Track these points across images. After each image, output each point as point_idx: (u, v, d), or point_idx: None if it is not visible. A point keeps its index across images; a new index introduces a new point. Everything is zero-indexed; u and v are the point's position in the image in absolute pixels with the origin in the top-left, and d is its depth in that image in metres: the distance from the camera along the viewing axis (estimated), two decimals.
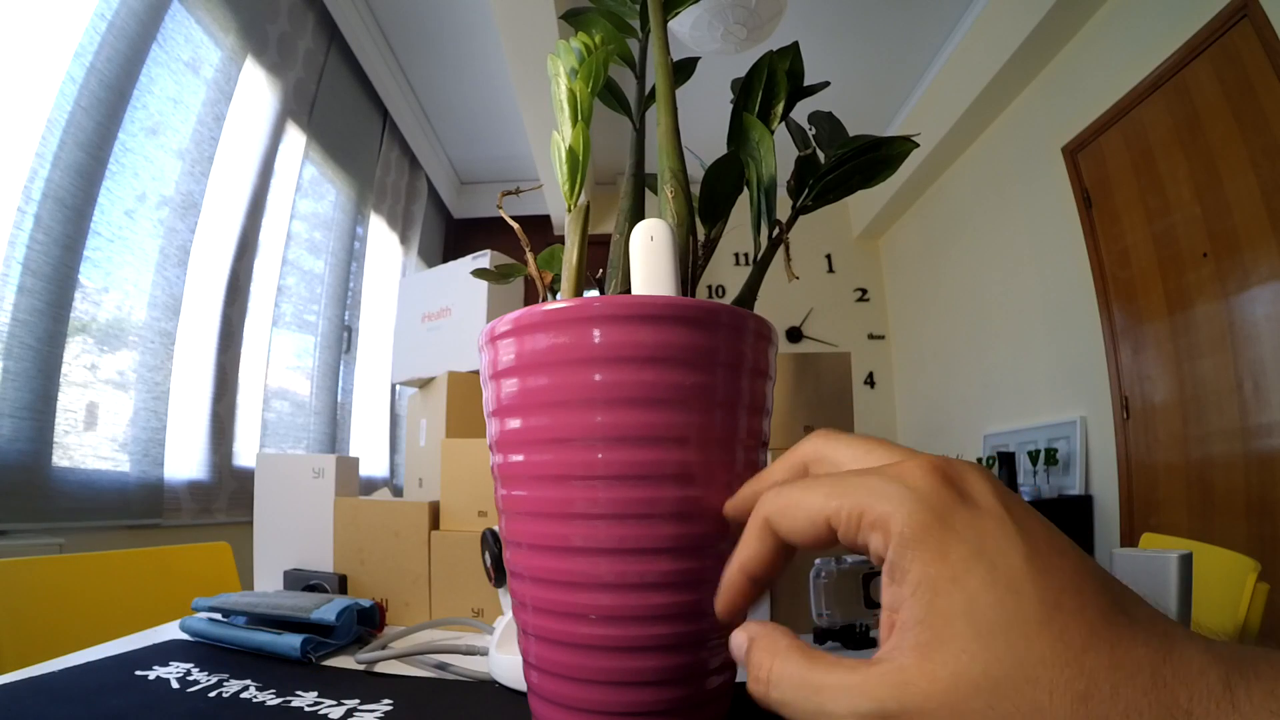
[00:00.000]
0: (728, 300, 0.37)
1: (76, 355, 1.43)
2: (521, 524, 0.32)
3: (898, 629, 0.18)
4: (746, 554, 0.24)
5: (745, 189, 0.43)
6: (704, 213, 0.42)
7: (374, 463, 2.94)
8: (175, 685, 0.44)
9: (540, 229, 3.81)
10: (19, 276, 1.26)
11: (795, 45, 0.47)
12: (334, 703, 0.41)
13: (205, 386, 1.86)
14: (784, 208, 0.46)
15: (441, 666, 0.50)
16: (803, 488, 0.21)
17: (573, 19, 0.51)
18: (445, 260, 1.56)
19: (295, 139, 2.30)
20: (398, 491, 2.21)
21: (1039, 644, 0.16)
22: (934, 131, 3.02)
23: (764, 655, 0.20)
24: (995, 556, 0.17)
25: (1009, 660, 0.16)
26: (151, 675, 0.46)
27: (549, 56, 0.41)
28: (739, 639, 0.22)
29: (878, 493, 0.19)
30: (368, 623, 0.59)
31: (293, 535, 0.76)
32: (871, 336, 4.05)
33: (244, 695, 0.42)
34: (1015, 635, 0.16)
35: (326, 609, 0.54)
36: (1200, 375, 1.93)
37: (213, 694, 0.42)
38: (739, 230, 0.43)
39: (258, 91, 2.07)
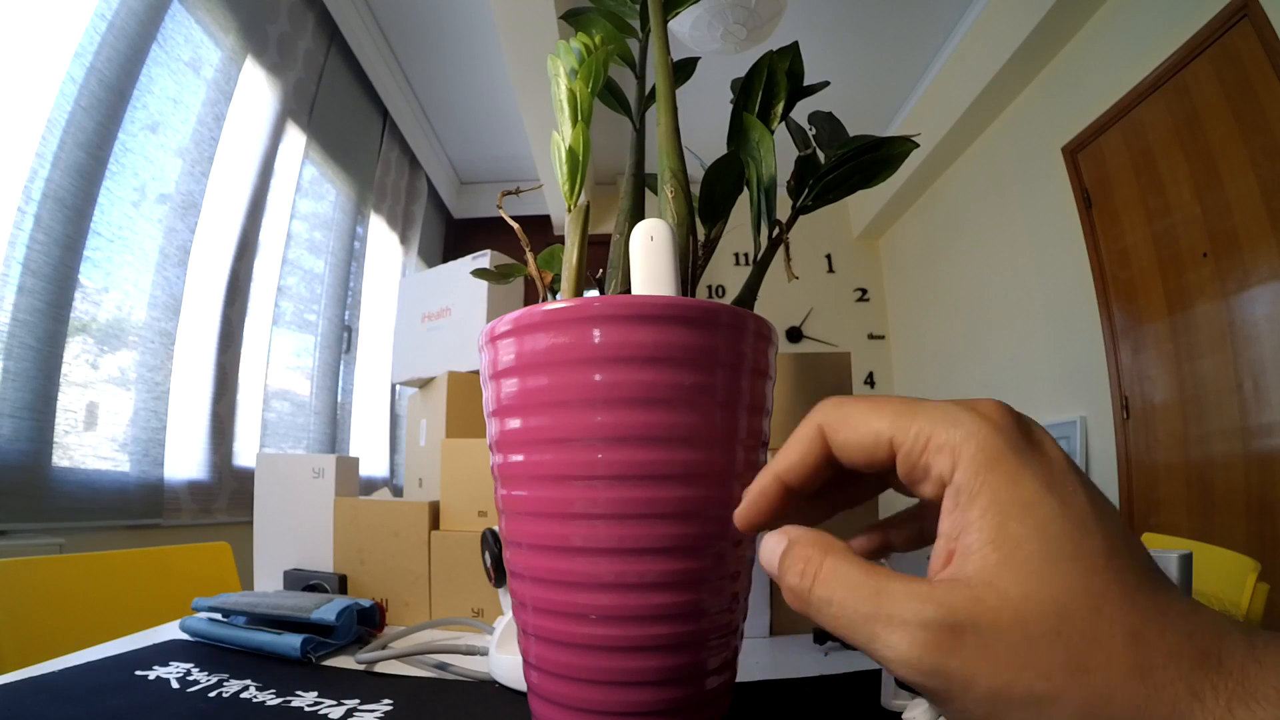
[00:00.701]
0: (728, 300, 0.37)
1: (76, 355, 1.43)
2: (521, 524, 0.32)
3: (961, 552, 0.18)
4: (788, 460, 0.22)
5: (745, 189, 0.43)
6: (704, 213, 0.42)
7: (374, 463, 2.94)
8: (175, 685, 0.44)
9: (540, 229, 3.81)
10: (19, 276, 1.26)
11: (795, 45, 0.47)
12: (334, 703, 0.41)
13: (205, 386, 1.86)
14: (784, 208, 0.46)
15: (441, 666, 0.50)
16: (868, 402, 0.21)
17: (573, 19, 0.51)
18: (445, 260, 1.56)
19: (295, 139, 2.30)
20: (398, 491, 2.21)
21: (1103, 578, 0.16)
22: (934, 131, 3.02)
23: (814, 550, 0.20)
24: (1065, 493, 0.18)
25: (1077, 589, 0.16)
26: (151, 675, 0.46)
27: (549, 56, 0.41)
28: (773, 541, 0.21)
29: (951, 418, 0.19)
30: (368, 623, 0.59)
31: (293, 535, 0.76)
32: (871, 336, 4.05)
33: (244, 695, 0.42)
34: (1083, 567, 0.17)
35: (326, 609, 0.54)
36: (1200, 375, 1.93)
37: (213, 694, 0.42)
38: (739, 230, 0.43)
39: (258, 91, 2.07)
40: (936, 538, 0.19)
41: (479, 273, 0.55)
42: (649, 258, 0.34)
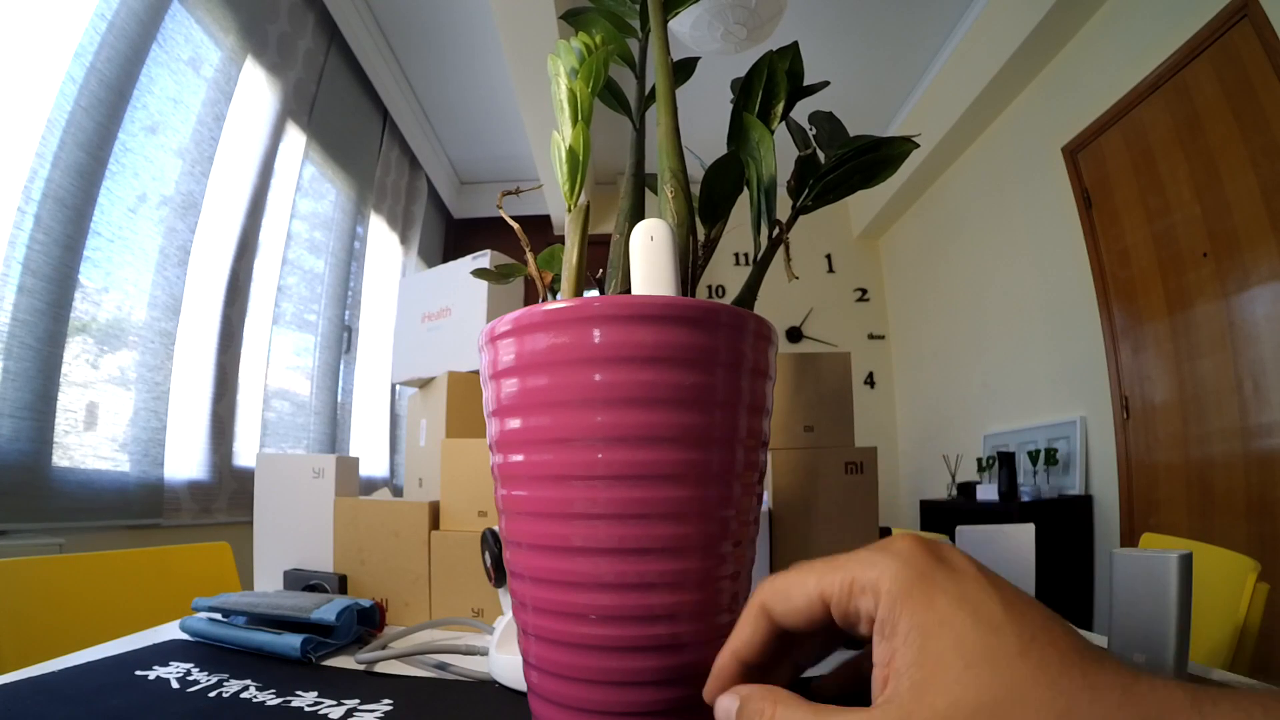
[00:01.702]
0: (728, 300, 0.37)
1: (76, 355, 1.43)
2: (521, 524, 0.32)
3: (892, 677, 0.19)
4: (740, 639, 0.25)
5: (745, 189, 0.43)
6: (704, 213, 0.42)
7: (374, 463, 2.94)
8: (175, 685, 0.44)
9: (540, 229, 3.81)
10: (19, 276, 1.26)
11: (795, 45, 0.47)
12: (334, 703, 0.41)
13: (205, 386, 1.86)
14: (784, 208, 0.46)
15: (441, 666, 0.50)
16: (796, 571, 0.24)
17: (573, 19, 0.51)
18: (445, 260, 1.56)
19: (295, 139, 2.30)
20: (398, 491, 2.21)
21: (1022, 670, 0.18)
22: (934, 131, 3.02)
23: (764, 703, 0.22)
24: (976, 604, 0.19)
25: (997, 686, 0.18)
26: (151, 675, 0.46)
27: (549, 56, 0.41)
28: (726, 702, 0.23)
29: (867, 562, 0.21)
30: (368, 623, 0.59)
31: (293, 535, 0.76)
32: (871, 336, 4.05)
33: (244, 695, 0.42)
34: (1001, 665, 0.18)
35: (326, 609, 0.54)
36: (1200, 375, 1.93)
37: (213, 694, 0.42)
38: (739, 230, 0.43)
39: (258, 91, 2.07)
40: (873, 667, 0.20)
41: (479, 273, 0.55)
42: (649, 258, 0.34)
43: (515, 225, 0.44)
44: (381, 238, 3.14)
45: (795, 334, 4.02)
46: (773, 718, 0.21)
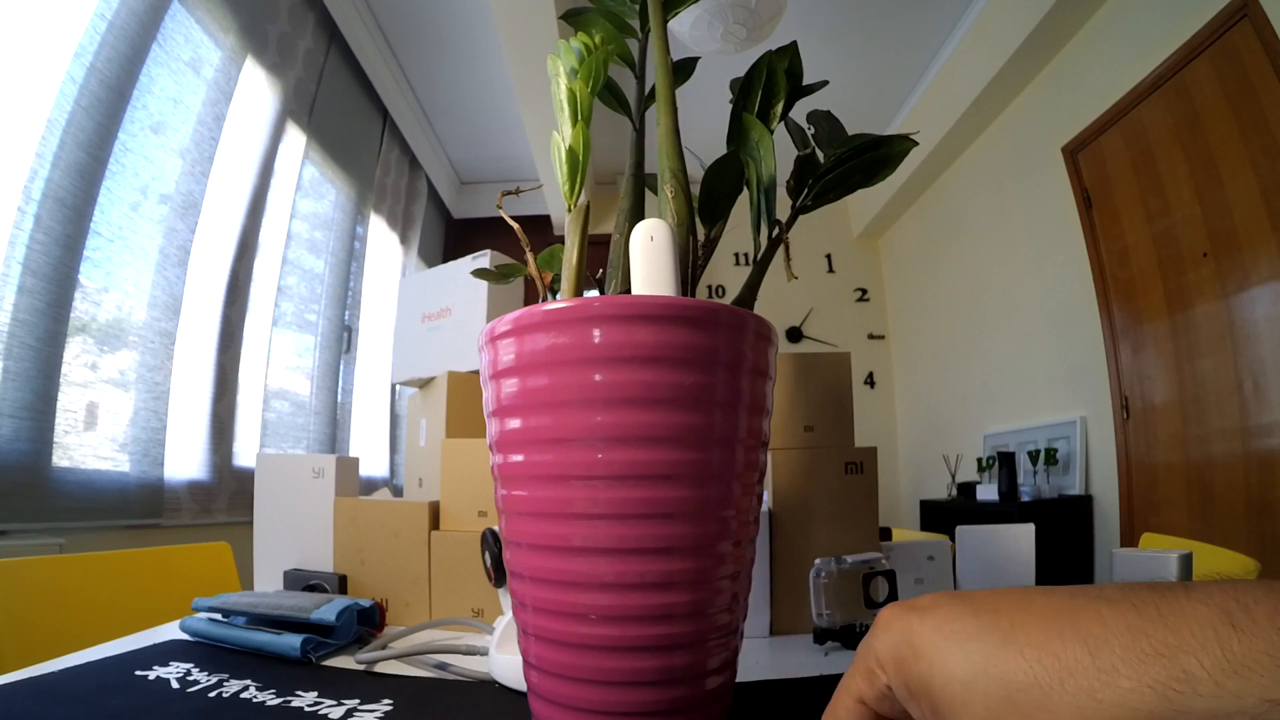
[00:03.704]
0: (728, 300, 0.37)
1: (76, 355, 1.43)
2: (521, 524, 0.32)
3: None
4: None
5: (745, 189, 0.43)
6: (704, 213, 0.42)
7: (374, 463, 2.94)
8: (175, 685, 0.44)
9: (540, 229, 3.81)
10: (19, 276, 1.26)
11: (794, 45, 0.47)
12: (334, 703, 0.41)
13: (205, 386, 1.86)
14: (784, 208, 0.46)
15: (441, 666, 0.50)
16: (837, 693, 0.24)
17: (573, 19, 0.51)
18: (445, 260, 1.56)
19: (295, 139, 2.30)
20: (398, 491, 2.21)
21: (1012, 661, 0.18)
22: (934, 131, 3.02)
23: None
24: (949, 627, 0.20)
25: (995, 689, 0.18)
26: (151, 675, 0.46)
27: (549, 56, 0.41)
28: None
29: (863, 655, 0.22)
30: (368, 623, 0.59)
31: (293, 535, 0.76)
32: (871, 336, 4.05)
33: (244, 695, 0.42)
34: (993, 666, 0.18)
35: (326, 609, 0.54)
36: (1200, 375, 1.93)
37: (213, 694, 0.42)
38: (739, 230, 0.43)
39: (258, 91, 2.07)
40: None
41: (479, 273, 0.55)
42: (649, 258, 0.34)
43: (515, 225, 0.44)
44: (381, 238, 3.14)
45: (795, 334, 4.02)
46: None
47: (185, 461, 1.78)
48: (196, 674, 0.46)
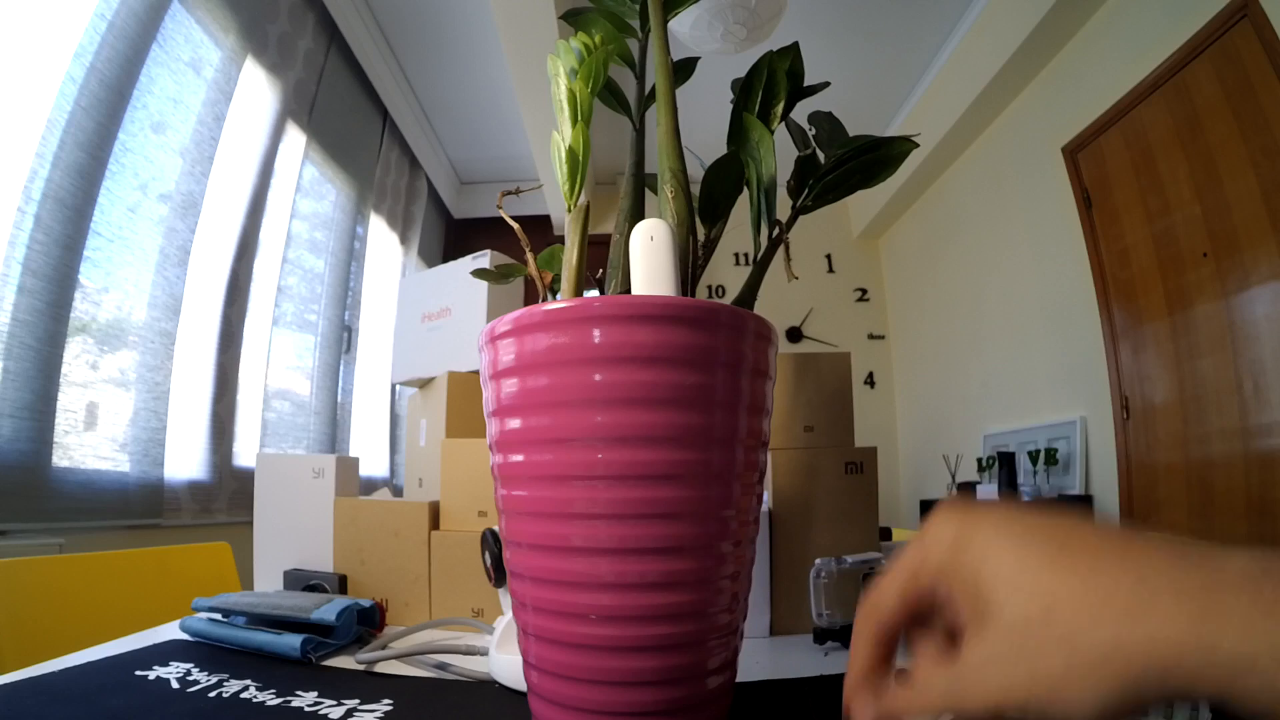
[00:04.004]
0: (728, 300, 0.37)
1: (76, 355, 1.43)
2: (521, 524, 0.32)
3: (965, 625, 0.21)
4: (858, 667, 0.25)
5: (745, 189, 0.43)
6: (704, 213, 0.42)
7: (374, 463, 2.94)
8: (175, 685, 0.44)
9: (540, 229, 3.81)
10: (19, 276, 1.26)
11: (795, 45, 0.47)
12: (334, 703, 0.41)
13: (205, 386, 1.86)
14: (784, 208, 0.46)
15: (441, 666, 0.50)
16: (884, 578, 0.24)
17: (573, 19, 0.51)
18: (445, 260, 1.56)
19: (295, 139, 2.30)
20: (398, 491, 2.21)
21: (1056, 578, 0.19)
22: (934, 131, 3.02)
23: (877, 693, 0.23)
24: (1003, 538, 0.21)
25: (1034, 599, 0.19)
26: (151, 675, 0.46)
27: (549, 56, 0.41)
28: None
29: (915, 549, 0.23)
30: (368, 623, 0.59)
31: (293, 535, 0.76)
32: (871, 336, 4.04)
33: (244, 695, 0.42)
34: (1042, 577, 0.19)
35: (326, 609, 0.54)
36: (1200, 375, 1.93)
37: (213, 694, 0.42)
38: (739, 230, 0.43)
39: (258, 91, 2.07)
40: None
41: (479, 273, 0.55)
42: (649, 258, 0.34)
43: (515, 225, 0.44)
44: (381, 238, 3.14)
45: (795, 334, 4.01)
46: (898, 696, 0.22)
47: (185, 461, 1.78)
48: (196, 674, 0.46)
